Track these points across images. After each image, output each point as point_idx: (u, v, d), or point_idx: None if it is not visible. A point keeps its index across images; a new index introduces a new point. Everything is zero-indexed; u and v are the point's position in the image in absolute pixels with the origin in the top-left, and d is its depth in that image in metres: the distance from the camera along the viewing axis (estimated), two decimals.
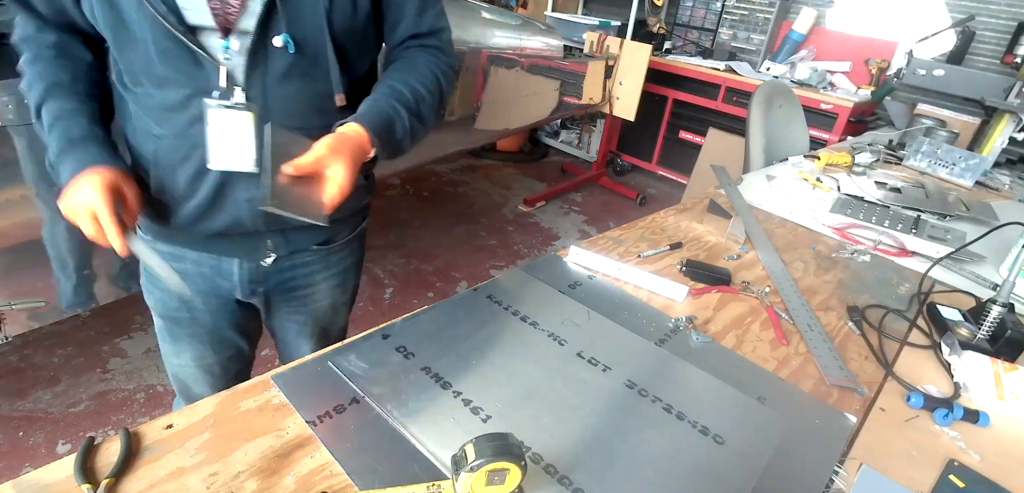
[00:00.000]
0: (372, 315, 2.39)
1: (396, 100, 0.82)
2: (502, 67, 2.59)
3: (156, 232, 0.88)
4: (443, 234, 3.18)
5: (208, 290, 0.91)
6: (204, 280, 0.90)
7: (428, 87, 0.86)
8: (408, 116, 0.83)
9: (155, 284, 0.94)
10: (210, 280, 0.90)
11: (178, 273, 0.81)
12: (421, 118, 0.85)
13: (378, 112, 0.80)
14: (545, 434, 0.63)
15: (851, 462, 0.66)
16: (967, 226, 1.52)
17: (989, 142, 2.47)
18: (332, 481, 0.54)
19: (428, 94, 0.86)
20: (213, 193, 0.79)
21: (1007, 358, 0.85)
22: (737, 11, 4.26)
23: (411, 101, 0.83)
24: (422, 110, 0.85)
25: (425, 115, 0.86)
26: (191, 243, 0.88)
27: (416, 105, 0.84)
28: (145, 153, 0.79)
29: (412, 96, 0.84)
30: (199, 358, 0.99)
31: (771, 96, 2.25)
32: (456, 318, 0.82)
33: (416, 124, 0.84)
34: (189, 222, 0.82)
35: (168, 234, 0.87)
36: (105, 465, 0.53)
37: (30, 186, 1.24)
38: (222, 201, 0.80)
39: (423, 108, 0.85)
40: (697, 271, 1.03)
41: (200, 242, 0.87)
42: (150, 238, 0.89)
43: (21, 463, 1.57)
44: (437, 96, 0.88)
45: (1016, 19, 3.28)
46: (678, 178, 4.38)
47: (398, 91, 0.83)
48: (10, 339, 1.34)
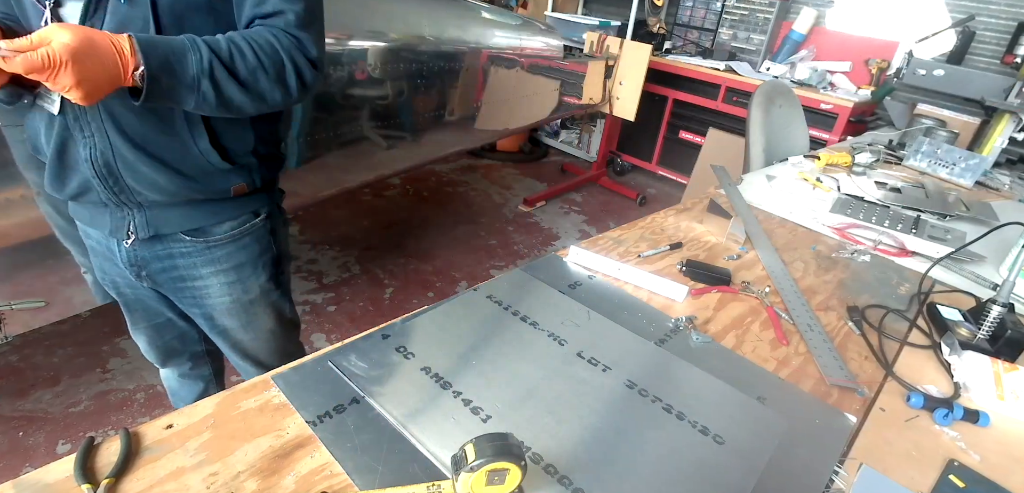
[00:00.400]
0: (372, 315, 2.39)
1: (202, 42, 0.74)
2: (502, 67, 2.59)
3: (60, 207, 0.96)
4: (443, 234, 3.18)
5: (112, 268, 0.98)
6: (106, 259, 0.97)
7: (257, 48, 0.77)
8: (211, 58, 0.73)
9: (94, 263, 1.01)
10: (109, 259, 0.96)
11: (91, 251, 0.97)
12: (234, 71, 0.76)
13: (165, 39, 0.72)
14: (545, 434, 0.63)
15: (851, 462, 0.66)
16: (967, 226, 1.52)
17: (989, 142, 2.47)
18: (332, 481, 0.54)
19: (252, 53, 0.77)
20: (58, 149, 0.82)
21: (1007, 358, 0.85)
22: (737, 11, 4.25)
23: (224, 48, 0.75)
24: (237, 63, 0.76)
25: (241, 71, 0.76)
26: (81, 216, 0.94)
27: (230, 55, 0.75)
28: (28, 122, 0.86)
29: (227, 45, 0.75)
30: (133, 323, 1.10)
31: (771, 96, 2.25)
32: (456, 318, 0.82)
33: (223, 75, 0.75)
34: (54, 186, 0.86)
35: (72, 210, 0.95)
36: (105, 465, 0.53)
37: (31, 186, 1.24)
38: (66, 159, 0.83)
39: (240, 65, 0.76)
40: (697, 271, 1.03)
41: (85, 214, 0.92)
42: None
43: (21, 463, 1.57)
44: (274, 66, 0.79)
45: (1016, 19, 3.28)
46: (678, 178, 4.38)
47: (211, 39, 0.75)
48: (10, 339, 1.34)
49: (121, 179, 0.82)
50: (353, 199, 3.39)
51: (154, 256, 0.93)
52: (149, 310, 1.07)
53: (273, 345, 1.10)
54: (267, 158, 0.96)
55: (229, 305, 1.00)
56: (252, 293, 1.02)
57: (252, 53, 0.77)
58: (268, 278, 1.03)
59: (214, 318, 1.02)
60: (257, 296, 1.03)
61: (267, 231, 1.01)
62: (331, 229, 3.04)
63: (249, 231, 0.97)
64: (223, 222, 0.94)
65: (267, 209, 1.00)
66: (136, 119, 0.80)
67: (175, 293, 0.99)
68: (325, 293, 2.48)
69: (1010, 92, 2.57)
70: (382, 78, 1.88)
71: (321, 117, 1.72)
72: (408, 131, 2.17)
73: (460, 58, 2.26)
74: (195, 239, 0.92)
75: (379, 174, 2.21)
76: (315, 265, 2.69)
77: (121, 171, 0.82)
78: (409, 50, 1.97)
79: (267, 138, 0.95)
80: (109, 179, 0.82)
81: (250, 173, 0.93)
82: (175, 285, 0.97)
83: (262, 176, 0.95)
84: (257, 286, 1.02)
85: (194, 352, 1.21)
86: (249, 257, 0.99)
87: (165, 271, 0.95)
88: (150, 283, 0.97)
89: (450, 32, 2.22)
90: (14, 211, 1.25)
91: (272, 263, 1.04)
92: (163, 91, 0.71)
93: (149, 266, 0.94)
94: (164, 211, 0.88)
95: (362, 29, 1.77)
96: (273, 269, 1.04)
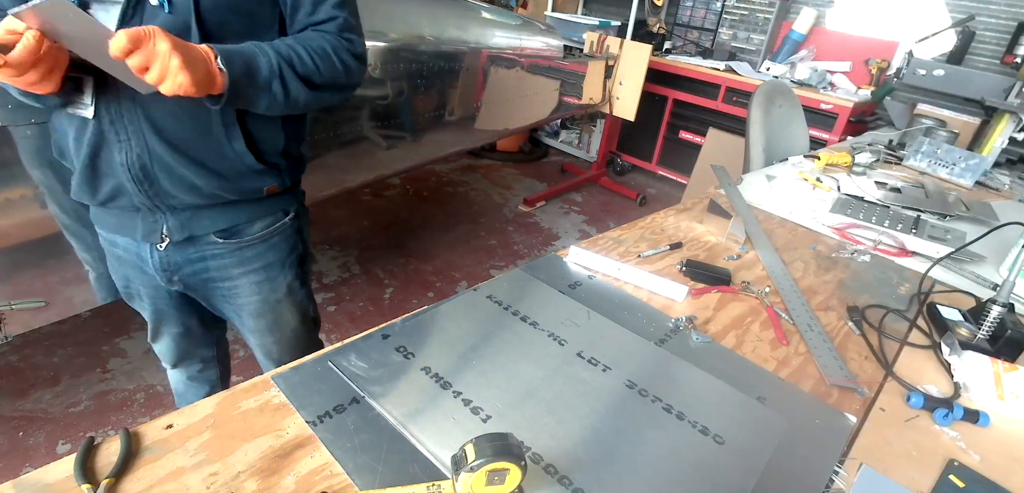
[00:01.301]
0: (372, 315, 2.39)
1: (268, 47, 0.80)
2: (502, 67, 2.59)
3: (84, 217, 0.97)
4: (443, 234, 3.18)
5: (141, 276, 0.98)
6: (134, 267, 0.96)
7: (312, 51, 0.83)
8: (279, 61, 0.79)
9: (115, 272, 1.02)
10: (137, 267, 0.96)
11: (116, 259, 0.97)
12: (297, 74, 0.82)
13: (238, 47, 0.76)
14: (545, 434, 0.63)
15: (851, 462, 0.66)
16: (967, 226, 1.52)
17: (989, 142, 2.47)
18: (332, 481, 0.54)
19: (310, 58, 0.83)
20: (90, 154, 0.82)
21: (1007, 358, 0.85)
22: (737, 11, 4.25)
23: (285, 52, 0.81)
24: (298, 68, 0.82)
25: (304, 75, 0.83)
26: (106, 224, 0.94)
27: (291, 58, 0.81)
28: (55, 127, 0.85)
29: (288, 50, 0.81)
30: (154, 330, 1.10)
31: (771, 96, 2.25)
32: (456, 318, 0.82)
33: (290, 75, 0.81)
34: (85, 192, 0.86)
35: (95, 218, 0.95)
36: (105, 465, 0.53)
37: (32, 186, 1.24)
38: (99, 164, 0.83)
39: (300, 66, 0.82)
40: (697, 271, 1.03)
41: (112, 222, 0.92)
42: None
43: (21, 463, 1.57)
44: (327, 65, 0.85)
45: (1016, 19, 3.28)
46: (678, 178, 4.38)
47: (273, 44, 0.81)
48: (10, 339, 1.34)
49: (157, 182, 0.83)
50: (353, 199, 3.39)
51: (186, 260, 0.93)
52: (173, 319, 1.08)
53: (296, 345, 1.11)
54: (295, 159, 0.99)
55: (257, 305, 1.02)
56: (279, 292, 1.04)
57: (309, 55, 0.82)
58: (295, 276, 1.06)
59: (243, 318, 1.04)
60: (284, 295, 1.05)
61: (295, 230, 1.03)
62: (331, 229, 3.04)
63: (279, 230, 1.00)
64: (255, 222, 0.96)
65: (295, 208, 1.02)
66: (173, 121, 0.80)
67: (207, 294, 1.01)
68: (325, 293, 2.48)
69: (1010, 92, 2.57)
70: (382, 78, 1.88)
71: (321, 117, 1.72)
72: (408, 131, 2.17)
73: (460, 58, 2.26)
74: (227, 240, 0.94)
75: (379, 174, 2.21)
76: (315, 265, 2.69)
77: (157, 174, 0.83)
78: (409, 50, 1.97)
79: (295, 139, 0.98)
80: (144, 182, 0.83)
81: (280, 174, 0.95)
82: (207, 286, 0.99)
83: (291, 176, 0.98)
84: (285, 284, 1.04)
85: (205, 356, 1.22)
86: (278, 257, 1.01)
87: (197, 274, 0.96)
88: (181, 287, 0.98)
89: (450, 32, 2.22)
90: (14, 211, 1.24)
91: (298, 261, 1.06)
92: (243, 95, 0.77)
93: (181, 270, 0.95)
94: (197, 213, 0.89)
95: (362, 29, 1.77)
96: (299, 267, 1.07)
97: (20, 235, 1.27)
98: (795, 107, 2.43)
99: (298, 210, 1.04)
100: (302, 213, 1.07)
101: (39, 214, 1.27)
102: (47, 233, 1.29)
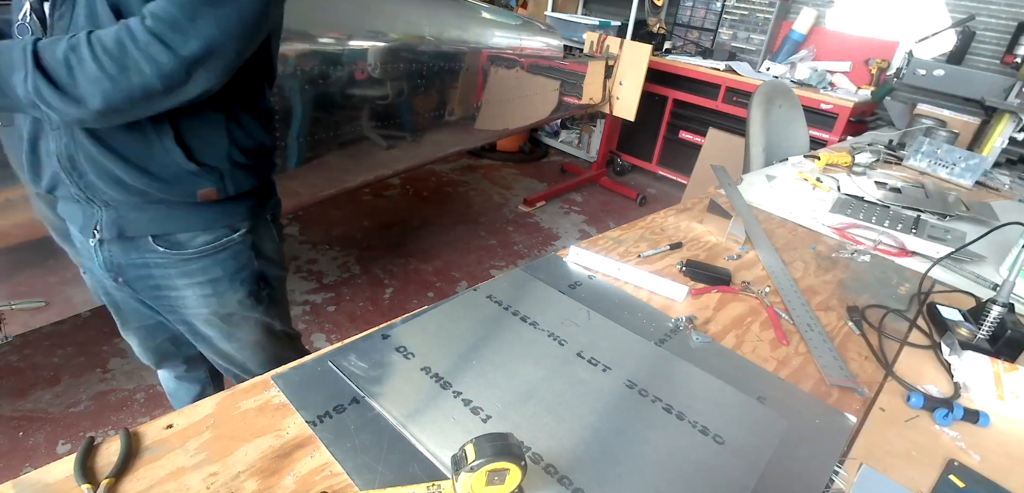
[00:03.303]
0: (372, 315, 2.39)
1: (27, 43, 0.67)
2: (502, 67, 2.59)
3: (54, 208, 0.94)
4: (443, 234, 3.18)
5: (93, 269, 0.95)
6: (87, 258, 0.94)
7: (99, 45, 0.67)
8: (30, 60, 0.66)
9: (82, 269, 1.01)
10: (89, 258, 0.93)
11: (76, 252, 0.96)
12: (54, 74, 0.67)
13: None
14: (545, 434, 0.63)
15: (851, 462, 0.66)
16: (967, 226, 1.52)
17: (989, 142, 2.47)
18: (332, 481, 0.54)
19: (90, 53, 0.67)
20: (30, 141, 0.82)
21: (1007, 358, 0.85)
22: (737, 11, 4.26)
23: (50, 48, 0.67)
24: (74, 69, 0.67)
25: (77, 74, 0.67)
26: (63, 211, 0.92)
27: (68, 52, 0.67)
28: None
29: (60, 45, 0.67)
30: (124, 325, 1.09)
31: (771, 96, 2.25)
32: (456, 318, 0.82)
33: (43, 76, 0.67)
34: (31, 178, 0.86)
35: (59, 209, 0.93)
36: (105, 465, 0.53)
37: (26, 185, 1.24)
38: (39, 152, 0.83)
39: (77, 69, 0.67)
40: (697, 271, 1.03)
41: (66, 210, 0.91)
42: None
43: (21, 463, 1.57)
44: (110, 64, 0.68)
45: (1016, 19, 3.28)
46: (678, 178, 4.38)
47: (38, 40, 0.68)
48: (10, 339, 1.34)
49: (85, 174, 0.81)
50: (353, 199, 3.39)
51: (130, 263, 0.90)
52: (137, 312, 1.05)
53: (260, 356, 1.07)
54: (247, 167, 0.90)
55: (207, 316, 0.97)
56: (230, 307, 0.98)
57: (90, 52, 0.68)
58: (247, 294, 0.99)
59: (194, 326, 0.99)
60: (236, 310, 0.99)
61: (247, 247, 0.96)
62: (331, 229, 3.04)
63: (225, 246, 0.93)
64: (197, 235, 0.90)
65: (247, 224, 0.95)
66: None
67: (153, 300, 0.97)
68: (325, 293, 2.48)
69: (1010, 92, 2.57)
70: (382, 78, 1.88)
71: (321, 117, 1.72)
72: (408, 131, 2.17)
73: (460, 58, 2.26)
74: (169, 250, 0.89)
75: (379, 174, 2.21)
76: (315, 265, 2.69)
77: (84, 165, 0.80)
78: (409, 50, 1.97)
79: (247, 146, 0.89)
80: (73, 173, 0.81)
81: (222, 179, 0.87)
82: (152, 293, 0.95)
83: (237, 184, 0.89)
84: (235, 302, 0.98)
85: (188, 355, 1.19)
86: (225, 273, 0.95)
87: (141, 279, 0.92)
88: (129, 289, 0.94)
89: (450, 32, 2.22)
90: (14, 211, 1.24)
91: (252, 280, 0.99)
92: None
93: (126, 273, 0.91)
94: (131, 212, 0.85)
95: (362, 29, 1.77)
96: (254, 286, 0.99)
97: (20, 235, 1.28)
98: (795, 107, 2.43)
99: (253, 226, 0.96)
100: (261, 228, 0.98)
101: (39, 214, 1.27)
102: (47, 233, 1.29)
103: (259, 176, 0.95)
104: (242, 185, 0.90)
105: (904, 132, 2.53)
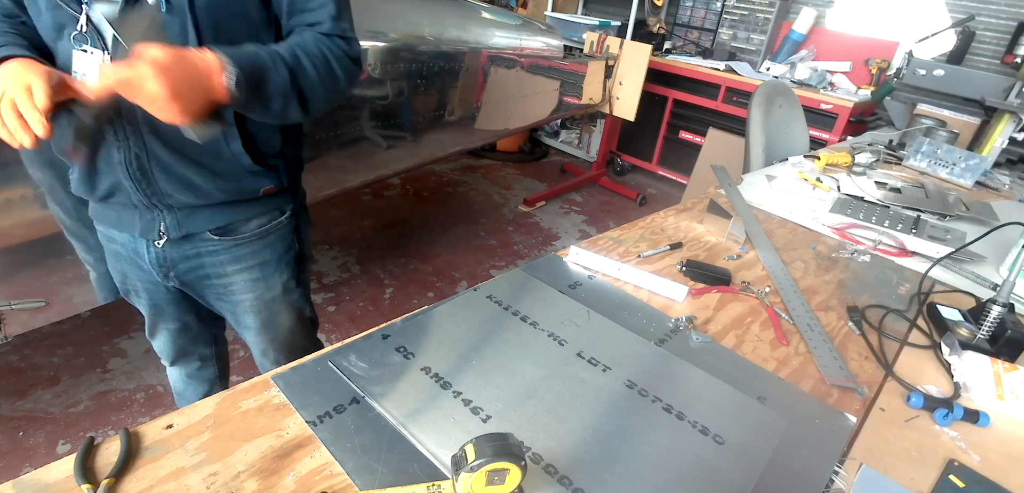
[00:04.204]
0: (372, 315, 2.39)
1: (274, 51, 0.77)
2: (502, 67, 2.59)
3: (85, 218, 0.98)
4: (443, 234, 3.18)
5: (137, 272, 0.98)
6: (131, 263, 0.97)
7: (312, 57, 0.81)
8: (286, 70, 0.77)
9: (113, 268, 1.02)
10: (134, 262, 0.96)
11: (114, 255, 0.98)
12: (300, 81, 0.79)
13: (245, 51, 0.74)
14: (545, 434, 0.63)
15: (851, 462, 0.66)
16: (967, 226, 1.52)
17: (989, 142, 2.47)
18: (332, 481, 0.54)
19: (310, 64, 0.80)
20: None
21: (1007, 358, 0.85)
22: (737, 11, 4.25)
23: (288, 57, 0.78)
24: (301, 78, 0.79)
25: (305, 83, 0.80)
26: (104, 219, 0.95)
27: (296, 63, 0.79)
28: (56, 125, 0.85)
29: (289, 54, 0.79)
30: (154, 322, 1.10)
31: (771, 96, 2.25)
32: (456, 318, 0.82)
33: (293, 83, 0.78)
34: (84, 188, 0.87)
35: (94, 213, 0.96)
36: (105, 465, 0.53)
37: (32, 186, 1.24)
38: (97, 161, 0.84)
39: (303, 77, 0.80)
40: (697, 271, 1.03)
41: (110, 217, 0.93)
42: None
43: (21, 463, 1.57)
44: (324, 73, 0.83)
45: (1016, 19, 3.28)
46: (678, 178, 4.38)
47: (276, 48, 0.79)
48: (10, 339, 1.34)
49: (155, 181, 0.84)
50: (353, 199, 3.39)
51: (182, 256, 0.94)
52: (170, 315, 1.09)
53: (292, 343, 1.12)
54: (292, 160, 0.99)
55: (252, 302, 1.02)
56: (274, 290, 1.04)
57: (311, 65, 0.81)
58: (290, 276, 1.05)
59: (238, 315, 1.04)
60: (279, 293, 1.05)
61: (292, 229, 1.03)
62: (331, 229, 3.04)
63: (275, 228, 0.99)
64: (251, 220, 0.96)
65: (292, 207, 1.02)
66: (172, 124, 0.80)
67: (202, 290, 1.01)
68: (325, 293, 2.48)
69: (1010, 92, 2.56)
70: (382, 78, 1.88)
71: (321, 117, 1.72)
72: (408, 131, 2.17)
73: (460, 58, 2.26)
74: (223, 237, 0.94)
75: (379, 174, 2.21)
76: (315, 265, 2.69)
77: (155, 173, 0.83)
78: (409, 50, 1.97)
79: (292, 141, 0.98)
80: (142, 181, 0.83)
81: (278, 175, 0.95)
82: (202, 283, 0.99)
83: (290, 176, 0.98)
84: (280, 283, 1.04)
85: (203, 354, 1.22)
86: (273, 255, 1.01)
87: (192, 270, 0.96)
88: (177, 283, 0.99)
89: (450, 32, 2.22)
90: (14, 211, 1.24)
91: (294, 261, 1.06)
92: (247, 108, 0.77)
93: (177, 266, 0.95)
94: (194, 211, 0.90)
95: (362, 29, 1.76)
96: (295, 267, 1.06)
97: (20, 235, 1.27)
98: (795, 107, 2.43)
99: (296, 209, 1.04)
100: (301, 213, 1.06)
101: (39, 214, 1.27)
102: (47, 233, 1.29)
103: (300, 167, 1.04)
104: (292, 176, 1.00)
105: (904, 132, 2.53)
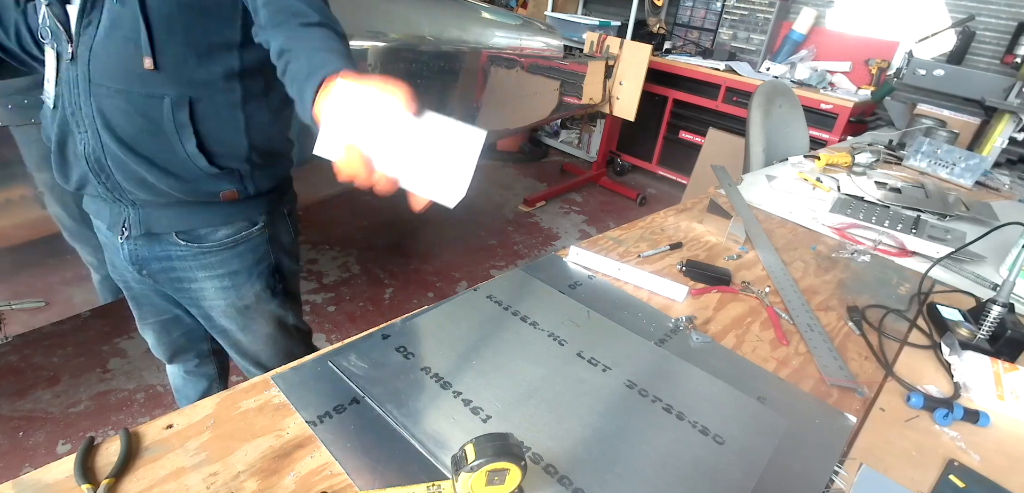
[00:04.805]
0: (372, 315, 2.39)
1: (344, 51, 0.75)
2: (502, 67, 2.59)
3: (87, 219, 0.99)
4: (443, 234, 3.18)
5: (119, 262, 0.98)
6: (113, 252, 0.98)
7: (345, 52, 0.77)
8: None
9: (105, 256, 1.03)
10: (115, 252, 0.96)
11: (102, 245, 0.99)
12: None
13: (344, 61, 0.71)
14: (545, 434, 0.63)
15: (851, 462, 0.66)
16: (967, 226, 1.52)
17: (989, 142, 2.47)
18: (332, 481, 0.54)
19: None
20: (59, 141, 0.84)
21: (1007, 358, 0.85)
22: (737, 11, 4.26)
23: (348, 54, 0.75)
24: None
25: None
26: (90, 208, 0.95)
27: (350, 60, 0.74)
28: (41, 113, 0.88)
29: (345, 54, 0.76)
30: (142, 318, 1.11)
31: (771, 96, 2.25)
32: (456, 318, 0.82)
33: None
34: (60, 176, 0.88)
35: (84, 202, 0.96)
36: (105, 465, 0.53)
37: (32, 186, 1.24)
38: (66, 152, 0.85)
39: None
40: (697, 271, 1.03)
41: (92, 208, 0.94)
42: None
43: (21, 463, 1.57)
44: None
45: (1016, 19, 3.28)
46: (678, 178, 4.38)
47: (340, 47, 0.76)
48: (10, 339, 1.34)
49: (112, 176, 0.83)
50: (353, 199, 3.39)
51: (153, 256, 0.94)
52: (156, 306, 1.08)
53: (273, 349, 1.10)
54: (265, 167, 0.93)
55: (225, 308, 1.01)
56: (247, 299, 1.01)
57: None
58: (264, 287, 1.02)
59: (212, 318, 1.03)
60: (252, 303, 1.02)
61: (264, 241, 0.99)
62: (331, 229, 3.04)
63: (244, 240, 0.96)
64: (218, 229, 0.93)
65: (265, 219, 0.98)
66: (124, 119, 0.80)
67: (174, 292, 1.00)
68: (325, 293, 2.48)
69: (1010, 92, 2.56)
70: None
71: None
72: None
73: (460, 58, 2.26)
74: (189, 243, 0.93)
75: None
76: (315, 265, 2.69)
77: (112, 168, 0.83)
78: (409, 50, 1.97)
79: (265, 147, 0.92)
80: (101, 174, 0.83)
81: (242, 180, 0.90)
82: (174, 285, 0.98)
83: (256, 184, 0.92)
84: (252, 294, 1.01)
85: (200, 350, 1.22)
86: (243, 265, 0.98)
87: (164, 271, 0.96)
88: (151, 281, 0.98)
89: (450, 32, 2.22)
90: (14, 211, 1.24)
91: (269, 273, 1.02)
92: None
93: (149, 265, 0.95)
94: (156, 210, 0.89)
95: (362, 29, 1.77)
96: (270, 279, 1.03)
97: (20, 235, 1.28)
98: (795, 107, 2.43)
99: (271, 220, 0.99)
100: (279, 222, 1.02)
101: (39, 214, 1.27)
102: (47, 233, 1.29)
103: (277, 174, 0.98)
104: (261, 184, 0.93)
105: (904, 132, 2.53)
